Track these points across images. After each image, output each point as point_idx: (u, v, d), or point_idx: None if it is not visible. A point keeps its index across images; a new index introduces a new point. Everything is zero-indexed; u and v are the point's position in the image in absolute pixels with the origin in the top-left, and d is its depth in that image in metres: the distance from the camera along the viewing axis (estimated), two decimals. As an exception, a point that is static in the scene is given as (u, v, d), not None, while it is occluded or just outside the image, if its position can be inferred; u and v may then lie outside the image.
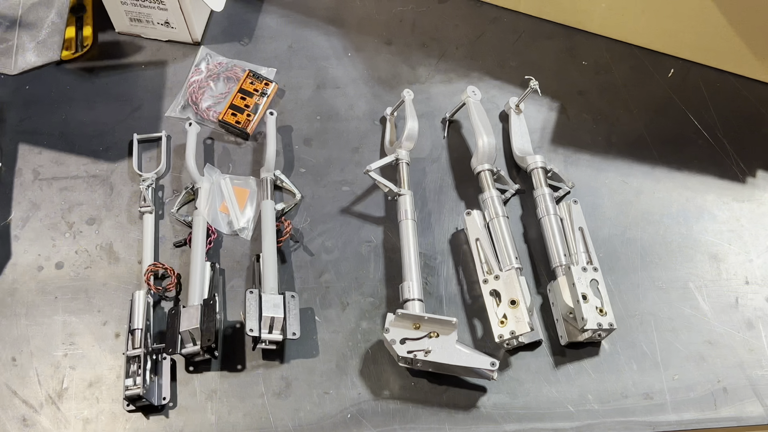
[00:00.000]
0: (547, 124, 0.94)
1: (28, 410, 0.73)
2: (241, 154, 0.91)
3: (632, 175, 0.90)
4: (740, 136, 0.93)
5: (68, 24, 0.90)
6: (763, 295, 0.81)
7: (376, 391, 0.75)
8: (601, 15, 0.99)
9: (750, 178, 0.90)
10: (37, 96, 0.95)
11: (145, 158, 0.91)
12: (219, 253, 0.83)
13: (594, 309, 0.72)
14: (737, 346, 0.78)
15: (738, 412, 0.74)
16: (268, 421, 0.73)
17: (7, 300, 0.80)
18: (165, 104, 0.95)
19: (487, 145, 0.85)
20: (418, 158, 0.91)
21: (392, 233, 0.85)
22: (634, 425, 0.73)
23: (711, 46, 0.96)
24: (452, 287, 0.81)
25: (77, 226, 0.85)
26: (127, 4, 0.95)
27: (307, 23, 1.03)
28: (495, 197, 0.83)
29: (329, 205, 0.87)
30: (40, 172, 0.89)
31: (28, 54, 0.85)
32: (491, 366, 0.70)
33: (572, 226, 0.81)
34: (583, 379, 0.75)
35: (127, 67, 0.98)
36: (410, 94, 0.92)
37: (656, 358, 0.77)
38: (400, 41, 1.02)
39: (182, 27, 0.97)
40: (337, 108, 0.95)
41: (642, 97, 0.96)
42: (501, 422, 0.73)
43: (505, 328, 0.73)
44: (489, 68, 0.99)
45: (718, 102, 0.96)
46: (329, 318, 0.79)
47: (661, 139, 0.93)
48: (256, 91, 0.93)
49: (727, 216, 0.87)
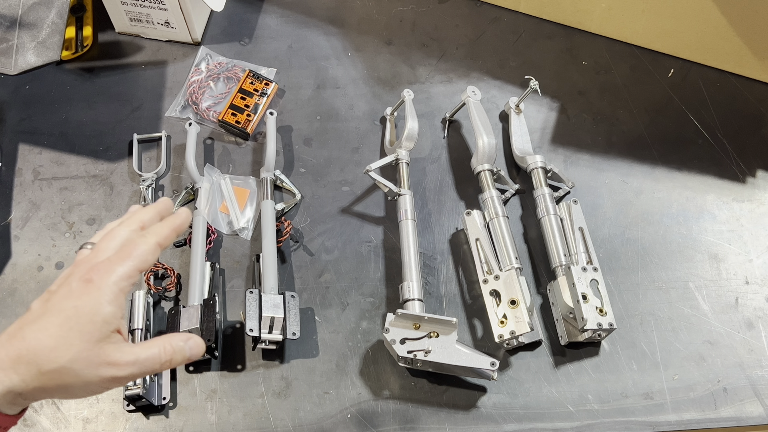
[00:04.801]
0: (547, 124, 0.94)
1: (28, 410, 0.73)
2: (241, 154, 0.91)
3: (632, 175, 0.90)
4: (740, 136, 0.93)
5: (68, 24, 0.90)
6: (763, 295, 0.81)
7: (376, 391, 0.75)
8: (601, 15, 0.99)
9: (750, 178, 0.90)
10: (37, 96, 0.95)
11: (145, 158, 0.91)
12: (219, 253, 0.83)
13: (594, 309, 0.72)
14: (737, 346, 0.78)
15: (738, 412, 0.74)
16: (268, 421, 0.73)
17: (7, 300, 0.80)
18: (165, 104, 0.95)
19: (487, 145, 0.85)
20: (418, 158, 0.91)
21: (392, 233, 0.85)
22: (634, 425, 0.73)
23: (711, 46, 0.96)
24: (452, 287, 0.82)
25: (77, 226, 0.85)
26: (127, 4, 0.95)
27: (307, 23, 1.03)
28: (495, 197, 0.83)
29: (329, 205, 0.87)
30: (40, 172, 0.89)
31: (28, 54, 0.85)
32: (491, 366, 0.70)
33: (572, 226, 0.81)
34: (583, 379, 0.76)
35: (127, 67, 0.98)
36: (410, 94, 0.92)
37: (656, 358, 0.77)
38: (400, 41, 1.02)
39: (182, 27, 0.97)
40: (337, 108, 0.95)
41: (642, 97, 0.96)
42: (501, 422, 0.73)
43: (505, 328, 0.73)
44: (489, 68, 0.99)
45: (718, 102, 0.96)
46: (329, 318, 0.79)
47: (661, 139, 0.93)
48: (256, 91, 0.93)
49: (727, 216, 0.87)
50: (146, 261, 0.50)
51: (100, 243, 0.52)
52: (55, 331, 0.46)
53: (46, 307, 0.48)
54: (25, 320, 0.48)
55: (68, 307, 0.47)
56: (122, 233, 0.53)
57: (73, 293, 0.48)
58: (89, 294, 0.47)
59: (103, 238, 0.53)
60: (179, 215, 0.55)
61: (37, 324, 0.47)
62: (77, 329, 0.46)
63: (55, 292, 0.49)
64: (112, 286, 0.48)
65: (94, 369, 0.47)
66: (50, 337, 0.46)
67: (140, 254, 0.50)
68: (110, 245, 0.52)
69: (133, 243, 0.51)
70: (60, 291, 0.49)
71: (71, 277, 0.49)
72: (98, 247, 0.52)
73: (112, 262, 0.49)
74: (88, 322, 0.47)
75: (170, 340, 0.51)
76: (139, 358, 0.49)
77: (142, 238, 0.51)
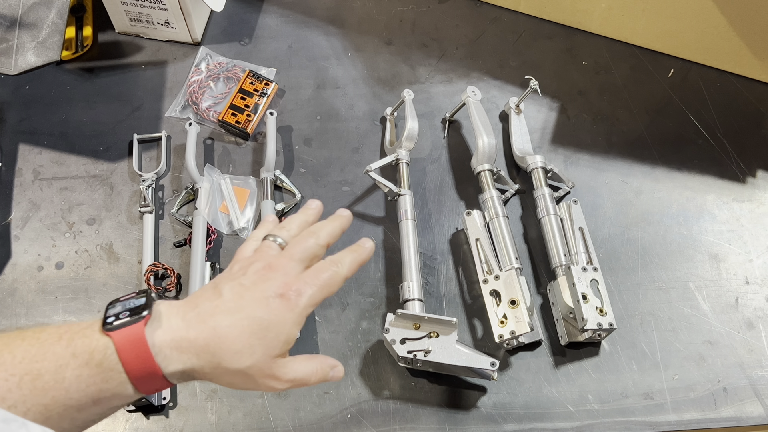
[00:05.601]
0: (547, 124, 0.94)
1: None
2: (241, 154, 0.91)
3: (632, 175, 0.90)
4: (740, 136, 0.93)
5: (68, 24, 0.90)
6: (763, 295, 0.81)
7: (376, 391, 0.75)
8: (601, 15, 0.99)
9: (750, 178, 0.90)
10: (37, 96, 0.95)
11: (145, 158, 0.91)
12: (219, 253, 0.83)
13: (594, 309, 0.72)
14: (737, 346, 0.78)
15: (738, 412, 0.74)
16: (268, 421, 0.73)
17: (7, 300, 0.80)
18: (165, 104, 0.95)
19: (487, 145, 0.85)
20: (418, 158, 0.91)
21: (392, 233, 0.85)
22: (634, 425, 0.73)
23: (711, 46, 0.96)
24: (452, 287, 0.82)
25: (77, 226, 0.85)
26: (127, 4, 0.95)
27: (307, 23, 1.03)
28: (495, 197, 0.83)
29: (329, 205, 0.87)
30: (40, 172, 0.89)
31: (28, 54, 0.85)
32: (491, 366, 0.70)
33: (572, 226, 0.81)
34: (583, 379, 0.76)
35: (127, 67, 0.98)
36: (410, 94, 0.92)
37: (656, 358, 0.77)
38: (400, 41, 1.02)
39: (182, 27, 0.97)
40: (337, 108, 0.95)
41: (642, 97, 0.96)
42: (501, 422, 0.73)
43: (505, 328, 0.73)
44: (489, 68, 0.99)
45: (718, 102, 0.96)
46: (329, 318, 0.79)
47: (661, 139, 0.93)
48: (256, 91, 0.93)
49: (727, 216, 0.87)
50: (332, 292, 0.53)
51: (291, 249, 0.54)
52: (244, 336, 0.48)
53: (239, 304, 0.50)
54: (218, 307, 0.49)
55: (260, 317, 0.49)
56: (311, 245, 0.54)
57: (268, 305, 0.50)
58: (281, 312, 0.50)
59: (295, 244, 0.54)
60: (367, 249, 0.57)
61: (229, 319, 0.49)
62: (263, 343, 0.49)
63: (248, 288, 0.50)
64: (302, 309, 0.50)
65: (261, 378, 0.50)
66: (239, 340, 0.48)
67: (330, 285, 0.53)
68: (298, 253, 0.53)
69: (326, 270, 0.53)
70: (254, 292, 0.50)
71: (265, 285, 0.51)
72: (288, 252, 0.54)
73: (306, 285, 0.51)
74: (274, 338, 0.49)
75: (321, 365, 0.54)
76: (297, 377, 0.52)
77: (334, 268, 0.53)
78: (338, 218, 0.58)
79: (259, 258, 0.53)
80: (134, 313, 0.47)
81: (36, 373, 0.44)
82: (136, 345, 0.46)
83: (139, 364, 0.46)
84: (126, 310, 0.47)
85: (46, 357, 0.45)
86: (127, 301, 0.49)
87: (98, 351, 0.45)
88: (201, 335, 0.48)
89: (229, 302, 0.50)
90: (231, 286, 0.51)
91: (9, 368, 0.43)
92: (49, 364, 0.44)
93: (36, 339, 0.46)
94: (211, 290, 0.51)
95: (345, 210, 0.59)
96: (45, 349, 0.45)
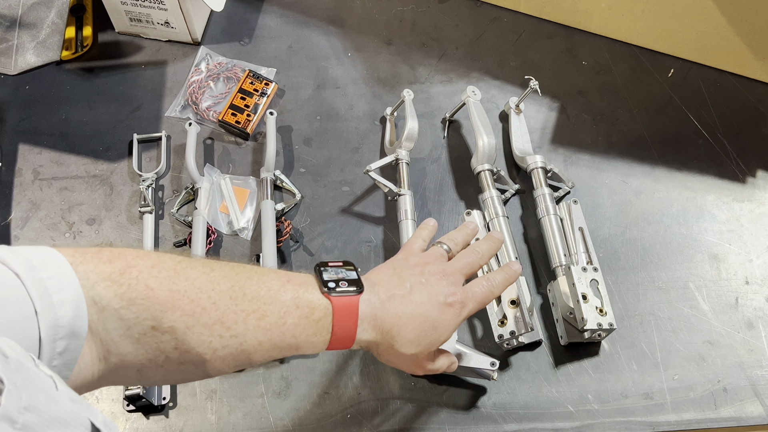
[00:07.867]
0: (547, 124, 0.94)
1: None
2: (241, 154, 0.91)
3: (632, 175, 0.90)
4: (740, 136, 0.93)
5: (68, 24, 0.90)
6: (763, 295, 0.81)
7: (376, 391, 0.75)
8: (601, 15, 0.99)
9: (750, 178, 0.90)
10: (37, 96, 0.95)
11: (145, 158, 0.91)
12: (219, 253, 0.83)
13: (594, 309, 0.72)
14: (737, 346, 0.78)
15: (738, 412, 0.74)
16: (268, 421, 0.73)
17: (7, 300, 0.80)
18: (165, 104, 0.95)
19: (487, 145, 0.85)
20: (418, 158, 0.91)
21: (392, 233, 0.85)
22: (634, 425, 0.73)
23: (711, 46, 0.96)
24: (452, 287, 0.81)
25: (77, 226, 0.85)
26: (127, 4, 0.95)
27: (307, 23, 1.03)
28: (495, 197, 0.83)
29: (329, 205, 0.87)
30: (40, 172, 0.89)
31: (28, 54, 0.85)
32: (491, 366, 0.70)
33: (572, 226, 0.81)
34: (583, 379, 0.76)
35: (127, 67, 0.98)
36: (410, 94, 0.92)
37: (656, 358, 0.77)
38: (400, 41, 1.02)
39: (182, 27, 0.97)
40: (337, 108, 0.95)
41: (642, 97, 0.96)
42: (501, 422, 0.73)
43: (505, 328, 0.73)
44: (489, 68, 0.99)
45: (718, 102, 0.96)
46: (329, 318, 0.79)
47: (661, 139, 0.93)
48: (256, 91, 0.93)
49: (727, 216, 0.87)
50: (482, 307, 0.62)
51: (459, 262, 0.62)
52: (417, 330, 0.57)
53: (419, 300, 0.57)
54: (404, 298, 0.57)
55: (433, 318, 0.57)
56: (475, 262, 0.63)
57: (440, 309, 0.58)
58: (447, 318, 0.58)
59: (462, 258, 0.63)
60: (516, 273, 0.65)
61: (410, 312, 0.56)
62: (428, 338, 0.57)
63: (426, 288, 0.58)
64: (462, 319, 0.59)
65: (413, 364, 0.61)
66: (413, 331, 0.56)
67: (485, 302, 0.61)
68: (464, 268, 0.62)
69: (484, 288, 0.61)
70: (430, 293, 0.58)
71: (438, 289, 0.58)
72: (458, 264, 0.62)
73: (469, 299, 0.59)
74: (437, 337, 0.58)
75: (450, 360, 0.65)
76: (434, 368, 0.63)
77: (489, 286, 0.62)
78: (496, 241, 0.67)
79: (433, 261, 0.61)
80: (353, 284, 0.55)
81: (262, 313, 0.50)
82: (350, 313, 0.53)
83: (346, 328, 0.53)
84: (344, 280, 0.55)
85: (273, 302, 0.51)
86: (338, 269, 0.56)
87: (319, 309, 0.52)
88: (388, 318, 0.55)
89: (411, 296, 0.57)
90: (412, 282, 0.58)
91: (240, 304, 0.50)
92: (275, 308, 0.51)
93: (262, 282, 0.52)
94: (396, 278, 0.58)
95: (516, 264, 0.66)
96: (272, 295, 0.51)
